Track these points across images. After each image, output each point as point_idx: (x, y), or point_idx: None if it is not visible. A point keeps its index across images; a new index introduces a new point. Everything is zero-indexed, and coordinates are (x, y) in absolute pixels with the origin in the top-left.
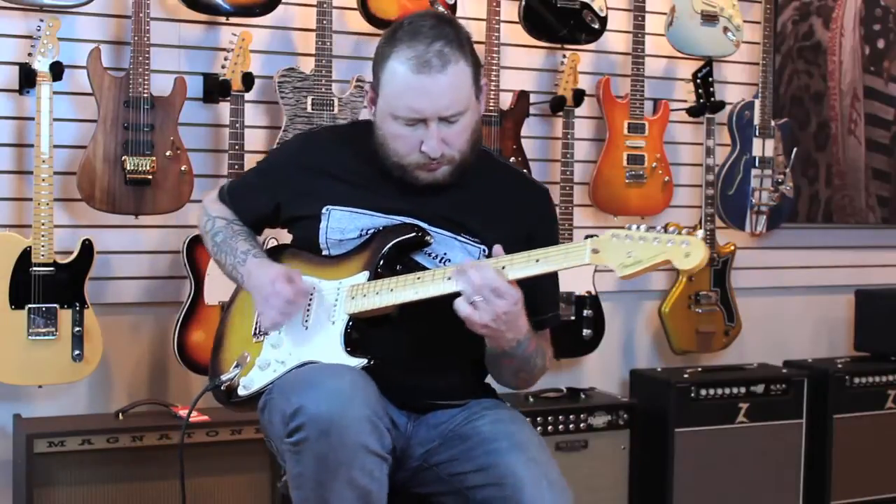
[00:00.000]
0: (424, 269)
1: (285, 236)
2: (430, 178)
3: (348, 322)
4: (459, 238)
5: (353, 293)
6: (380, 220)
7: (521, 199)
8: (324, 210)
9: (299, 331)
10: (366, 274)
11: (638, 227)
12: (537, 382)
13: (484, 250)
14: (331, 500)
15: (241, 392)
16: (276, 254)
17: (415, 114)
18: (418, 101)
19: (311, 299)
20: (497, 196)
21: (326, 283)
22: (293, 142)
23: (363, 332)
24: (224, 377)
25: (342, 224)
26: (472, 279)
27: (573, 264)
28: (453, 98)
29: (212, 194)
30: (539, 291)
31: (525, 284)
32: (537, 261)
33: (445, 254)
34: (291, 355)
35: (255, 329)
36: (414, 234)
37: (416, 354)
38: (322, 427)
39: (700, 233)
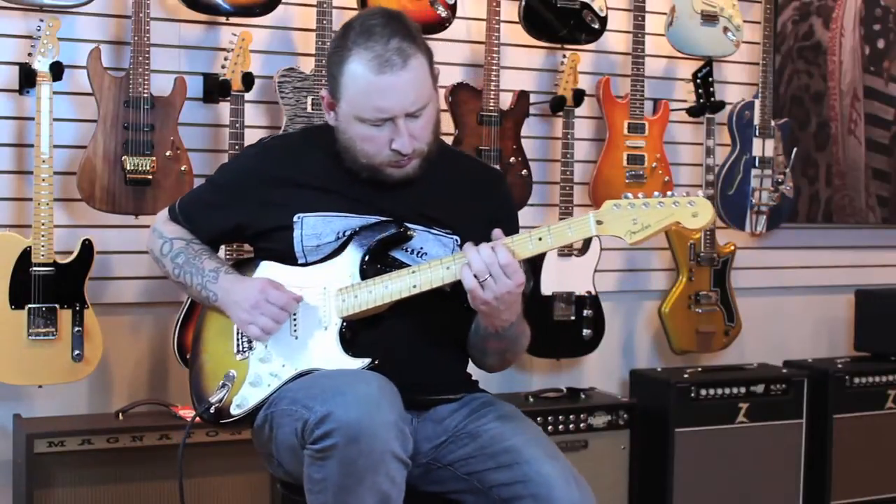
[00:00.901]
0: (405, 265)
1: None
2: (401, 173)
3: (342, 325)
4: (432, 231)
5: (342, 295)
6: (354, 220)
7: (478, 183)
8: (295, 218)
9: (289, 341)
10: (352, 274)
11: (635, 196)
12: (536, 383)
13: (457, 241)
14: None
15: (235, 411)
16: (243, 268)
17: (382, 113)
18: (384, 101)
19: (296, 308)
20: (456, 184)
21: (308, 289)
22: (247, 155)
23: (356, 333)
24: (213, 399)
25: (317, 229)
26: (485, 257)
27: (579, 237)
28: (417, 93)
29: (161, 215)
30: None
31: None
32: (540, 238)
33: (422, 248)
34: (285, 367)
35: (239, 346)
36: (397, 229)
37: (412, 351)
38: (352, 433)
39: (701, 192)
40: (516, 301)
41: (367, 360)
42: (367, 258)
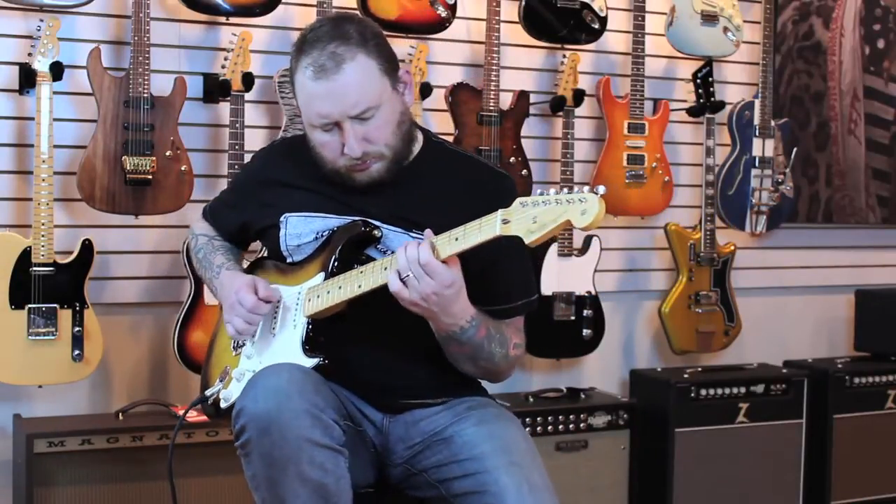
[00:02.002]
0: None
1: None
2: (366, 177)
3: (307, 324)
4: (411, 234)
5: (309, 295)
6: (333, 221)
7: (474, 185)
8: (282, 218)
9: (268, 338)
10: (322, 275)
11: (548, 192)
12: (536, 383)
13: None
14: (286, 498)
15: (223, 405)
16: (254, 266)
17: (324, 119)
18: (323, 106)
19: (277, 306)
20: (449, 186)
21: (288, 288)
22: (256, 156)
23: (321, 332)
24: (208, 392)
25: (298, 229)
26: (404, 255)
27: (487, 237)
28: (358, 95)
29: (198, 214)
30: (500, 279)
31: (483, 273)
32: (457, 239)
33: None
34: (261, 363)
35: (234, 342)
36: (362, 229)
37: (382, 353)
38: (261, 425)
39: (600, 188)
40: (451, 303)
41: (316, 360)
42: (335, 259)
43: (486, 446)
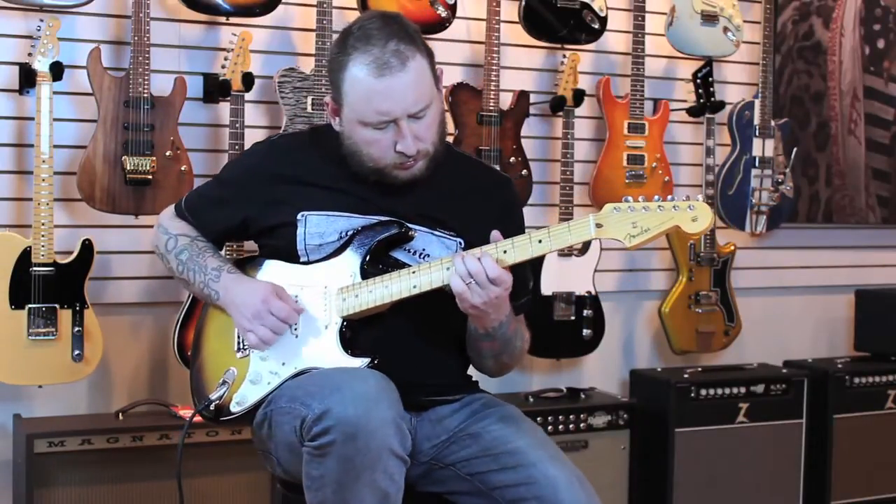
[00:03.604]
0: (406, 265)
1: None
2: (408, 175)
3: (342, 324)
4: (436, 233)
5: (343, 295)
6: (357, 221)
7: (483, 187)
8: (299, 216)
9: (289, 340)
10: (353, 274)
11: (636, 199)
12: (536, 383)
13: (460, 243)
14: (351, 503)
15: (235, 409)
16: (247, 266)
17: (384, 116)
18: (385, 104)
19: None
20: (464, 187)
21: (309, 288)
22: (255, 152)
23: (357, 332)
24: (213, 396)
25: (320, 228)
26: (470, 267)
27: (579, 240)
28: (418, 93)
29: (166, 212)
30: (518, 275)
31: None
32: (540, 241)
33: (424, 249)
34: (285, 365)
35: (240, 344)
36: (398, 230)
37: (411, 351)
38: (349, 430)
39: (700, 196)
40: (503, 303)
41: (366, 360)
42: (368, 258)
43: (520, 441)
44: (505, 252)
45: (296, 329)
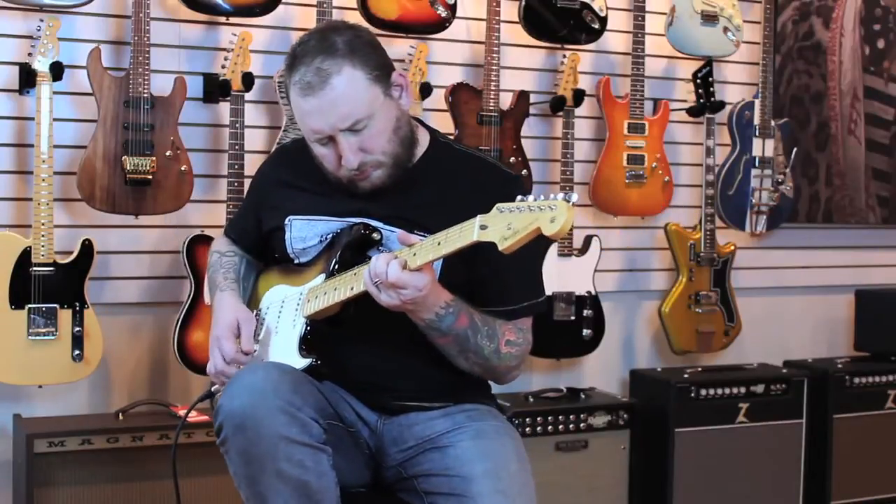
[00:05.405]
0: None
1: None
2: (368, 184)
3: (306, 325)
4: (414, 234)
5: (309, 296)
6: (336, 224)
7: (480, 184)
8: (286, 221)
9: (272, 337)
10: (323, 277)
11: (525, 198)
12: (536, 383)
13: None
14: (268, 495)
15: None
16: (266, 269)
17: (318, 134)
18: (314, 122)
19: (282, 305)
20: (454, 187)
21: (292, 289)
22: (269, 158)
23: (318, 333)
24: (214, 387)
25: (302, 233)
26: (374, 270)
27: (466, 242)
28: (346, 109)
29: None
30: (502, 281)
31: (483, 275)
32: (439, 243)
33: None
34: (262, 361)
35: (256, 338)
36: (362, 232)
37: (375, 354)
38: (237, 422)
39: (574, 196)
40: (425, 299)
41: (309, 360)
42: (336, 261)
43: (477, 466)
44: (415, 254)
45: (277, 328)
